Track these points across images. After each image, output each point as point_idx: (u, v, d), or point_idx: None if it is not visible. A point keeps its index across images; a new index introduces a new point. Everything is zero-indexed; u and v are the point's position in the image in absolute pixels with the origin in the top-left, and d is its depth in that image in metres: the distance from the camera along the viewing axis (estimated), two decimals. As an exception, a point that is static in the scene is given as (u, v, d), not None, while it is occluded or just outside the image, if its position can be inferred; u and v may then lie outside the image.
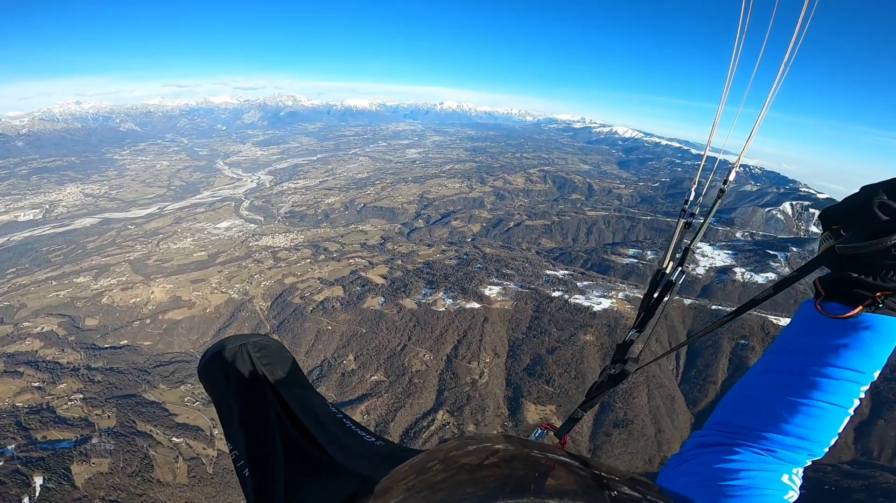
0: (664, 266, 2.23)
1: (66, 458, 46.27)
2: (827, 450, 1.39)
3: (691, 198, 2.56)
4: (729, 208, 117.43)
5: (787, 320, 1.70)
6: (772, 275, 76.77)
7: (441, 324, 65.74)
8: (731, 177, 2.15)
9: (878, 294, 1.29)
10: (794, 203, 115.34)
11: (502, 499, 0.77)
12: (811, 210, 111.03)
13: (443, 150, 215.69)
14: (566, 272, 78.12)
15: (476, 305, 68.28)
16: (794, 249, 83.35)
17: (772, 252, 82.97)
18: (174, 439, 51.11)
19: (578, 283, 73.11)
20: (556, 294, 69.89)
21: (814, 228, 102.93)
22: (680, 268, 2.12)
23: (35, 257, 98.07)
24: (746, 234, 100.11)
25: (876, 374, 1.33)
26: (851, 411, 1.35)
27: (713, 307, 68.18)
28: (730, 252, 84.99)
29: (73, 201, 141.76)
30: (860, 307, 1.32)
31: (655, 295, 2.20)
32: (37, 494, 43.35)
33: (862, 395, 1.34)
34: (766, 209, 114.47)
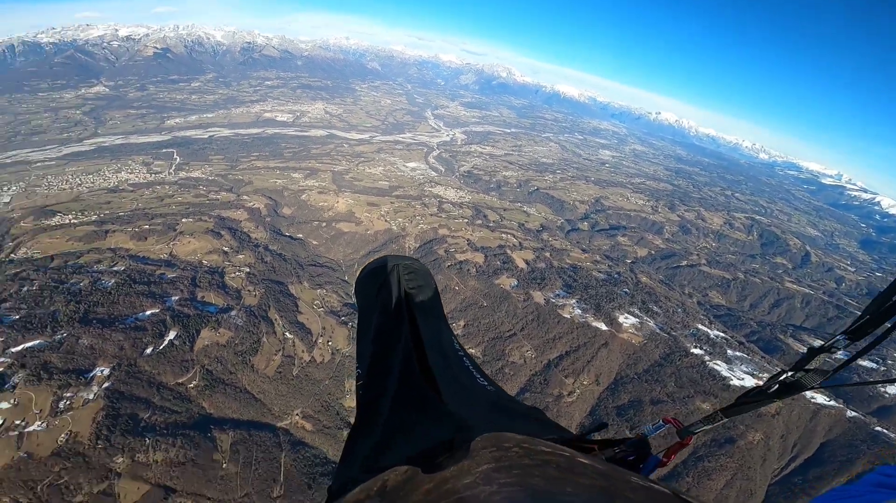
0: None
1: (203, 321, 52.11)
2: None
3: None
4: None
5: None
6: None
7: (558, 330, 62.27)
8: None
9: None
10: None
11: None
12: None
13: (640, 161, 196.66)
14: (720, 334, 66.54)
15: (603, 327, 62.72)
16: None
17: None
18: (287, 334, 55.42)
19: (728, 351, 62.14)
20: (696, 351, 60.67)
21: None
22: None
23: (274, 149, 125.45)
24: None
25: None
26: None
27: (877, 428, 53.39)
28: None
29: (316, 115, 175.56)
30: None
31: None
32: (161, 346, 48.08)
33: None
34: None
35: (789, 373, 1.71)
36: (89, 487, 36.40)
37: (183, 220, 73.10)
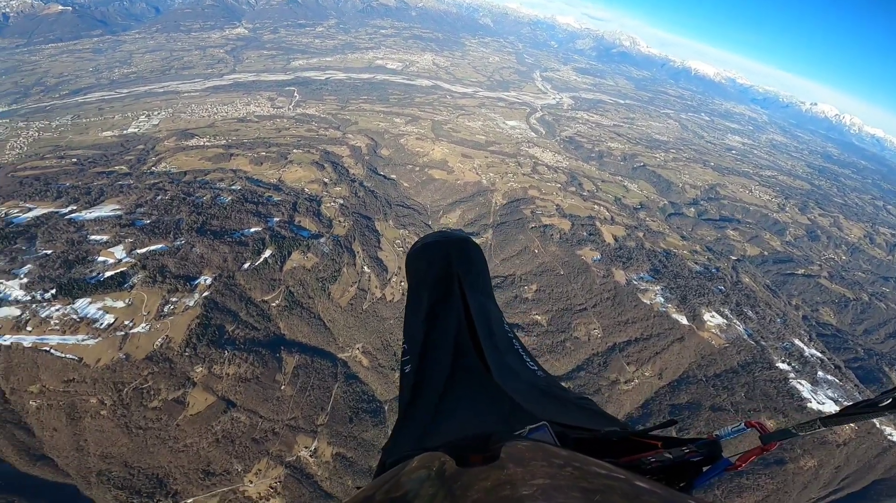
0: None
1: (296, 244, 55.25)
2: None
3: None
4: None
5: None
6: None
7: (633, 314, 58.45)
8: None
9: None
10: None
11: None
12: None
13: (777, 153, 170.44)
14: (817, 353, 58.51)
15: (683, 321, 57.73)
16: None
17: None
18: (365, 268, 58.20)
19: (819, 372, 54.83)
20: (782, 366, 54.20)
21: None
22: None
23: (381, 94, 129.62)
24: None
25: None
26: None
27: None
28: None
29: (424, 65, 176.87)
30: None
31: None
32: (257, 263, 51.24)
33: None
34: None
35: None
36: (166, 393, 38.58)
37: (294, 150, 79.60)
